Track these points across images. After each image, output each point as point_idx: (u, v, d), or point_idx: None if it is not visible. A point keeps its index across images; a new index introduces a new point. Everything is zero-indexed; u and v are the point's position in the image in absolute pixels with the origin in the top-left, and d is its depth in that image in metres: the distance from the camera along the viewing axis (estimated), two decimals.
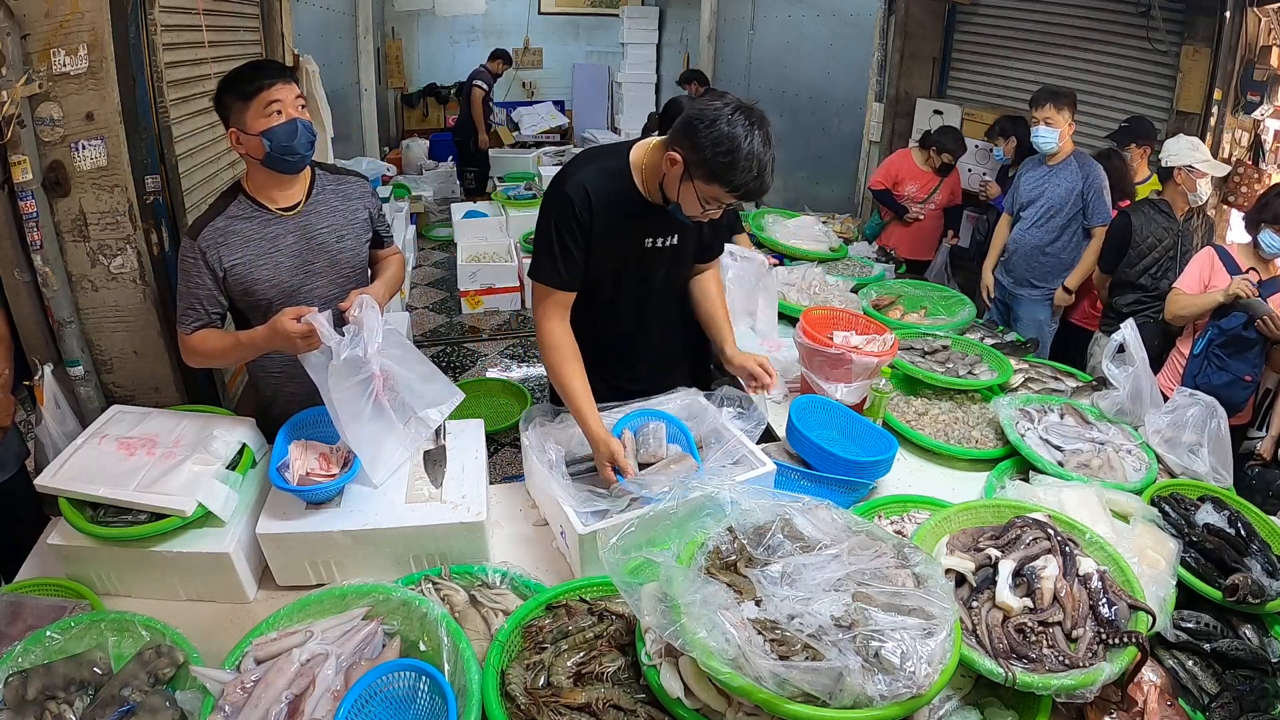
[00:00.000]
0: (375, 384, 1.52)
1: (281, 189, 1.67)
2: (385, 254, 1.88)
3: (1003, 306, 3.43)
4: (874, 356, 2.05)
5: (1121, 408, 2.07)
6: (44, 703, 1.17)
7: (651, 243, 1.73)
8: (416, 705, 1.15)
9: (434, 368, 1.64)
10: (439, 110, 8.47)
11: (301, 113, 1.61)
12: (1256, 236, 2.45)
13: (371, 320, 1.50)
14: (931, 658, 1.04)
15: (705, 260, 1.91)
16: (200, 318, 1.63)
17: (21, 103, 1.83)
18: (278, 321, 1.49)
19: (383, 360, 1.52)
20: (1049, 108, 3.03)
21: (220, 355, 1.65)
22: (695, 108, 1.49)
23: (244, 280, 1.63)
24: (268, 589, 1.49)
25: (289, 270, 1.67)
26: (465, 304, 5.12)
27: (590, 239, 1.66)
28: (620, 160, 1.66)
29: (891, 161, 4.27)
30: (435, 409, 1.62)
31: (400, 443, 1.58)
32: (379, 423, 1.54)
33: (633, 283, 1.79)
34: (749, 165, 1.44)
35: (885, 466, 1.82)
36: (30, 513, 1.80)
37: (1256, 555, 1.52)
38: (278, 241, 1.65)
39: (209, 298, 1.63)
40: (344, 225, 1.74)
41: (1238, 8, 3.36)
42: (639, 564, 1.20)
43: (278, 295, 1.65)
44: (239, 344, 1.62)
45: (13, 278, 1.96)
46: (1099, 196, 3.07)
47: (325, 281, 1.71)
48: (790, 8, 6.17)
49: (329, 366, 1.46)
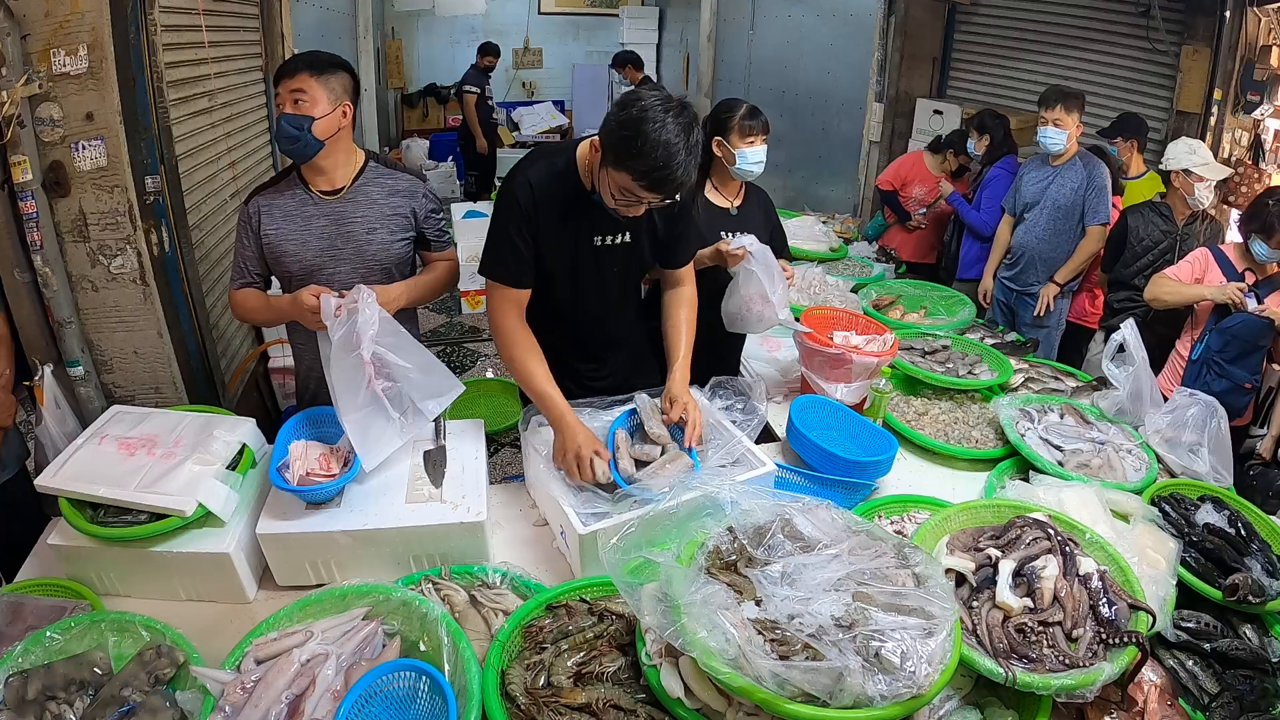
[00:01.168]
0: (368, 370, 1.53)
1: (321, 173, 1.75)
2: (433, 257, 1.91)
3: (1006, 309, 3.40)
4: (874, 356, 2.05)
5: (1121, 408, 2.07)
6: (44, 703, 1.17)
7: (600, 240, 1.72)
8: (416, 705, 1.15)
9: (434, 359, 1.65)
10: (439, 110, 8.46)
11: (297, 107, 1.66)
12: (1247, 243, 2.45)
13: (367, 311, 1.53)
14: (932, 658, 1.04)
15: (670, 265, 1.84)
16: (244, 276, 1.79)
17: (21, 103, 1.83)
18: (298, 293, 1.64)
19: (375, 348, 1.53)
20: (1059, 109, 2.99)
21: (254, 313, 1.83)
22: (622, 94, 1.48)
23: (275, 250, 1.75)
24: (268, 589, 1.49)
25: (315, 250, 1.75)
26: (465, 304, 5.11)
27: (537, 235, 1.66)
28: (567, 156, 1.65)
29: (903, 162, 4.17)
30: (434, 400, 1.63)
31: (395, 431, 1.59)
32: (372, 408, 1.55)
33: (588, 280, 1.77)
34: (654, 150, 1.40)
35: (885, 466, 1.82)
36: (30, 513, 1.80)
37: (1256, 555, 1.52)
38: (310, 221, 1.75)
39: (252, 259, 1.78)
40: (378, 218, 1.77)
41: (1238, 8, 3.36)
42: (639, 564, 1.20)
43: (299, 271, 1.76)
44: (269, 306, 1.78)
45: (13, 278, 1.96)
46: (1099, 195, 3.05)
47: (348, 268, 1.77)
48: (790, 8, 6.17)
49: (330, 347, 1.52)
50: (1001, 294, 3.41)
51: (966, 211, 3.62)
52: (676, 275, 1.86)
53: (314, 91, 1.66)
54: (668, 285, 1.88)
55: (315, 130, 1.66)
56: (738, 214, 2.23)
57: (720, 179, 2.23)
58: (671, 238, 1.79)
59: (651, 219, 1.72)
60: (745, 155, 2.12)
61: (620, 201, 1.53)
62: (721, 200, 2.23)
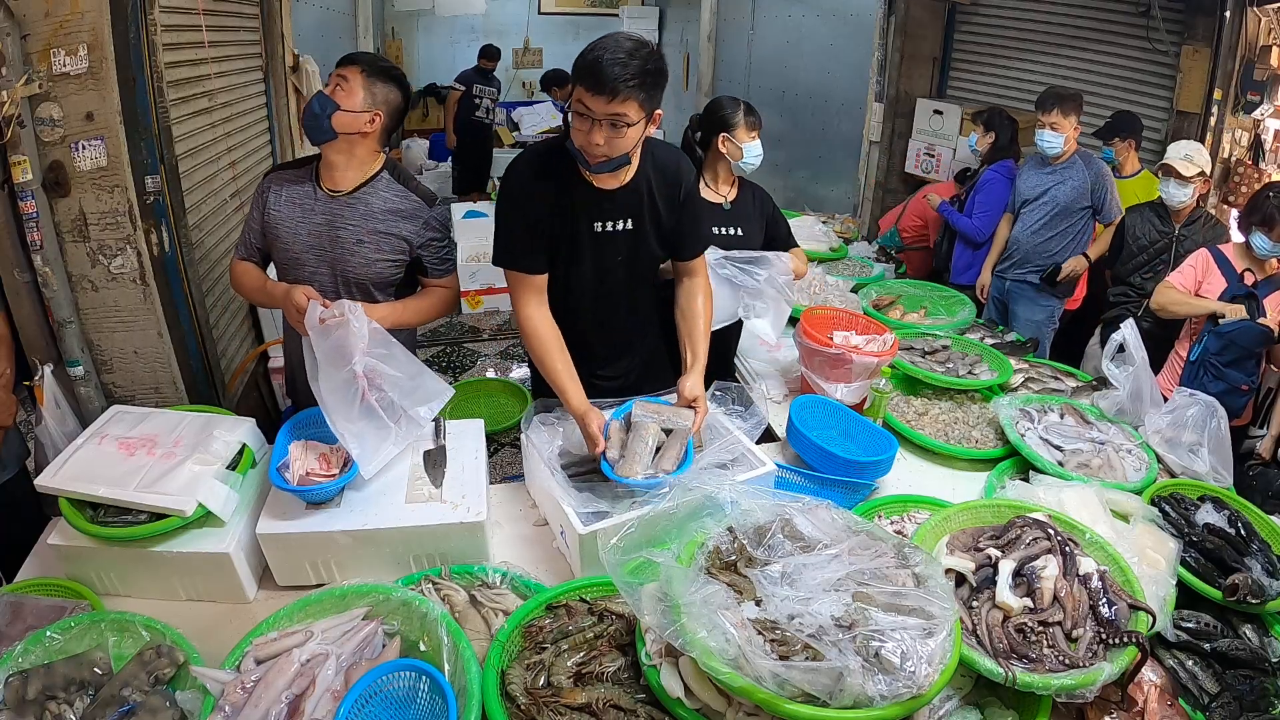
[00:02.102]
0: (360, 383, 1.53)
1: (331, 170, 1.75)
2: (429, 282, 1.88)
3: (1000, 306, 3.41)
4: (874, 356, 2.05)
5: (1121, 408, 2.07)
6: (44, 703, 1.17)
7: (601, 226, 1.71)
8: (416, 705, 1.15)
9: (422, 366, 1.64)
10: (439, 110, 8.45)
11: (335, 92, 1.67)
12: (1248, 237, 2.45)
13: (356, 324, 1.53)
14: (931, 658, 1.04)
15: (680, 256, 1.82)
16: (247, 246, 1.81)
17: (21, 103, 1.83)
18: (292, 289, 1.64)
19: (367, 360, 1.54)
20: (1056, 113, 2.99)
21: (249, 290, 1.83)
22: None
23: (271, 231, 1.77)
24: (268, 589, 1.49)
25: (303, 244, 1.75)
26: (465, 304, 5.10)
27: (536, 219, 1.66)
28: (561, 139, 1.66)
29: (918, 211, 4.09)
30: (424, 406, 1.62)
31: (392, 439, 1.59)
32: (367, 419, 1.55)
33: (593, 272, 1.75)
34: (593, 49, 1.46)
35: (885, 466, 1.82)
36: (30, 513, 1.80)
37: (1256, 555, 1.52)
38: (308, 215, 1.75)
39: (257, 233, 1.80)
40: (370, 233, 1.75)
41: (1238, 8, 3.36)
42: (639, 564, 1.20)
43: (285, 260, 1.78)
44: (263, 289, 1.79)
45: (13, 278, 1.96)
46: (1110, 193, 3.07)
47: (328, 272, 1.76)
48: (790, 8, 6.17)
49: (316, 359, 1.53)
50: (996, 290, 3.40)
51: (957, 219, 3.59)
52: (689, 267, 1.84)
53: (354, 85, 1.68)
54: (680, 277, 1.86)
55: (335, 119, 1.67)
56: (731, 208, 2.24)
57: (712, 175, 2.24)
58: (678, 227, 1.78)
59: (655, 207, 1.72)
60: (750, 149, 2.18)
61: (578, 128, 1.52)
62: (714, 196, 2.23)
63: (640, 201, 1.70)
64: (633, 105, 1.48)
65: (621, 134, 1.51)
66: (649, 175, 1.70)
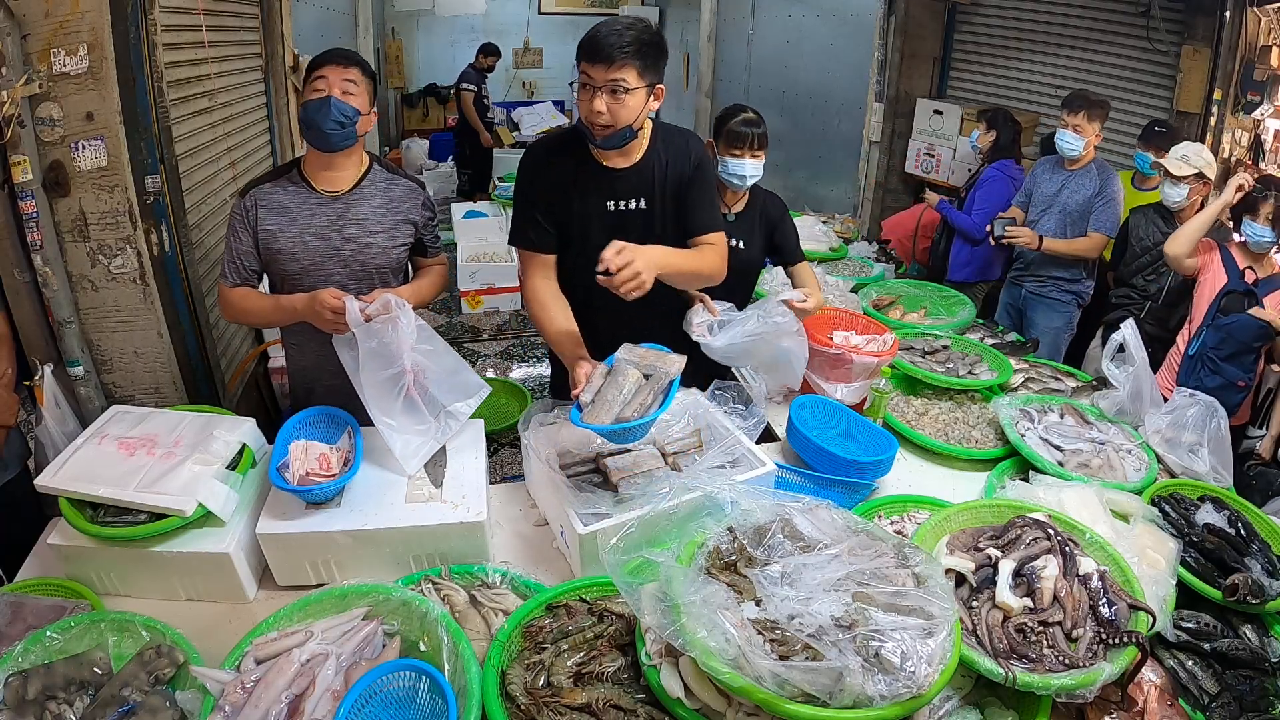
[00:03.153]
0: (407, 379, 1.56)
1: (328, 171, 1.74)
2: (427, 262, 1.94)
3: (1015, 312, 3.39)
4: (874, 356, 2.05)
5: (1121, 408, 2.07)
6: (44, 703, 1.17)
7: (615, 205, 1.75)
8: (416, 705, 1.15)
9: (461, 361, 1.67)
10: (439, 110, 8.46)
11: (346, 96, 1.66)
12: (1241, 229, 2.46)
13: (405, 320, 1.55)
14: (931, 658, 1.04)
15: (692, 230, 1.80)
16: (239, 272, 1.74)
17: (21, 103, 1.84)
18: (318, 295, 1.60)
19: (415, 356, 1.57)
20: (1082, 115, 2.97)
21: (258, 314, 1.78)
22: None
23: (272, 247, 1.72)
24: (268, 589, 1.49)
25: (314, 249, 1.73)
26: (465, 304, 5.11)
27: (552, 198, 1.72)
28: (575, 124, 1.71)
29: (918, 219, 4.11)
30: (463, 403, 1.66)
31: (433, 434, 1.62)
32: (410, 415, 1.59)
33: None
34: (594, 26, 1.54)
35: (885, 466, 1.82)
36: (30, 513, 1.80)
37: (1256, 555, 1.52)
38: (311, 220, 1.73)
39: (248, 255, 1.73)
40: (380, 222, 1.77)
41: (1238, 8, 3.36)
42: (639, 564, 1.20)
43: (296, 270, 1.74)
44: (279, 307, 1.73)
45: (13, 278, 1.96)
46: (1109, 205, 3.02)
47: (346, 270, 1.76)
48: (790, 8, 6.17)
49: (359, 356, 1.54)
50: (1010, 296, 3.39)
51: (955, 216, 3.60)
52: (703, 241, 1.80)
53: (362, 89, 1.70)
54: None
55: (359, 125, 1.69)
56: (735, 220, 2.21)
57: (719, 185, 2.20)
58: (687, 200, 1.78)
59: (667, 187, 1.75)
60: (726, 165, 2.08)
61: (582, 99, 1.60)
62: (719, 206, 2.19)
63: (652, 181, 1.74)
64: (630, 71, 1.55)
65: (621, 101, 1.56)
66: (660, 155, 1.75)
